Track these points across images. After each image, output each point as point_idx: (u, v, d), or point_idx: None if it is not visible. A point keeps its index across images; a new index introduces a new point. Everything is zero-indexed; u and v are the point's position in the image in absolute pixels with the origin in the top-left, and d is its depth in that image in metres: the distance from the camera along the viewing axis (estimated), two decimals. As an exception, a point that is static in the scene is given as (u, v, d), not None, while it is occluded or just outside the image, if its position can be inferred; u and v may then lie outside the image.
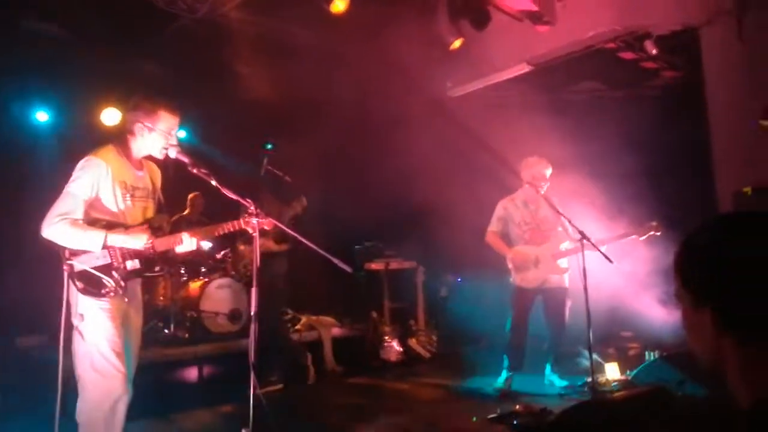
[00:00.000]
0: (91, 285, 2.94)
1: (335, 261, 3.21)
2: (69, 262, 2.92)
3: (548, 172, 4.87)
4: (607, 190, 5.02)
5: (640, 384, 4.51)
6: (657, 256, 4.57)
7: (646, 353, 4.93)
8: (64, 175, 3.02)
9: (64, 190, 2.94)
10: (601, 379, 4.75)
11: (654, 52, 5.30)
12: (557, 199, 4.76)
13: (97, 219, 2.99)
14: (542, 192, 4.78)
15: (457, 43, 6.20)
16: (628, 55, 5.61)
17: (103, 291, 2.94)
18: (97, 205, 3.00)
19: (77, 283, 2.92)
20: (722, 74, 4.90)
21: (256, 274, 3.07)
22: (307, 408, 4.86)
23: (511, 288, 4.99)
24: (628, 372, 4.82)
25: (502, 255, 5.00)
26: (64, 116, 6.81)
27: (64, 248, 2.91)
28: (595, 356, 4.36)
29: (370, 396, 5.14)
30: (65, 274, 2.92)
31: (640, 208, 4.84)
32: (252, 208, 3.09)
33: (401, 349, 6.07)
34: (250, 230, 3.13)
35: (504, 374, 4.93)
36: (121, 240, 2.96)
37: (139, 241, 2.99)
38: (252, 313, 3.05)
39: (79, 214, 2.92)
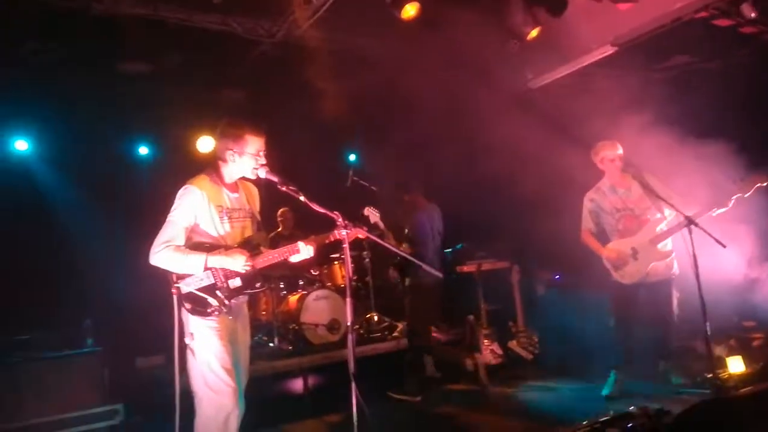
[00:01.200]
0: (198, 305, 3.12)
1: (425, 267, 3.18)
2: (176, 285, 3.11)
3: (618, 152, 4.62)
4: (707, 167, 4.65)
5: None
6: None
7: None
8: (167, 204, 3.21)
9: (167, 219, 3.15)
10: (723, 374, 4.39)
11: (753, 15, 4.88)
12: (653, 178, 4.45)
13: (199, 243, 3.16)
14: (627, 172, 4.51)
15: (534, 33, 6.02)
16: (723, 23, 5.20)
17: (209, 310, 3.12)
18: (198, 230, 3.19)
19: (185, 304, 3.11)
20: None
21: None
22: (411, 416, 4.85)
23: (612, 285, 4.74)
24: (754, 365, 4.44)
25: (597, 255, 4.77)
26: (162, 148, 7.28)
27: (172, 273, 3.11)
28: (716, 350, 4.06)
29: (472, 402, 5.06)
30: (174, 297, 3.10)
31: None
32: (340, 219, 3.14)
33: (501, 352, 5.94)
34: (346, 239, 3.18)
35: (612, 375, 4.69)
36: (220, 261, 3.11)
37: (237, 262, 3.11)
38: (348, 324, 3.08)
39: (181, 240, 3.11)
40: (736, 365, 4.49)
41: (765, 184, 4.11)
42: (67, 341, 4.96)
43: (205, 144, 6.65)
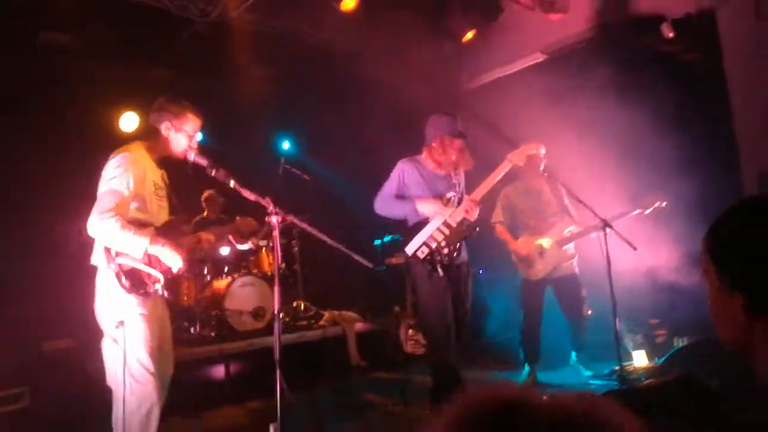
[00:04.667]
0: (138, 283, 2.94)
1: (355, 257, 3.22)
2: (118, 261, 2.90)
3: (542, 152, 4.62)
4: (623, 174, 4.94)
5: (667, 371, 4.46)
6: (678, 236, 4.49)
7: (674, 340, 4.88)
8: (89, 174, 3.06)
9: (105, 188, 2.94)
10: (629, 367, 4.71)
11: (671, 35, 5.23)
12: (563, 182, 4.66)
13: (133, 219, 2.99)
14: (543, 174, 4.59)
15: (469, 35, 6.19)
16: (644, 40, 5.54)
17: (150, 290, 2.96)
18: (134, 204, 3.01)
19: (125, 281, 2.90)
20: (741, 55, 4.82)
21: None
22: (332, 405, 4.89)
23: (520, 280, 4.97)
24: (656, 359, 4.77)
25: (507, 247, 4.98)
26: (85, 122, 6.92)
27: (110, 247, 2.90)
28: (623, 344, 4.32)
29: (396, 391, 5.16)
30: (112, 273, 2.89)
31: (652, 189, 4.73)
32: (271, 206, 3.12)
33: (425, 342, 6.06)
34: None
35: (526, 368, 4.92)
36: (159, 251, 2.96)
37: (173, 260, 2.99)
38: (275, 311, 3.08)
39: (126, 213, 2.94)
40: (640, 359, 4.83)
41: (664, 204, 4.42)
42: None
43: (127, 122, 6.36)
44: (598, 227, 4.26)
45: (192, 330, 5.71)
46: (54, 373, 4.90)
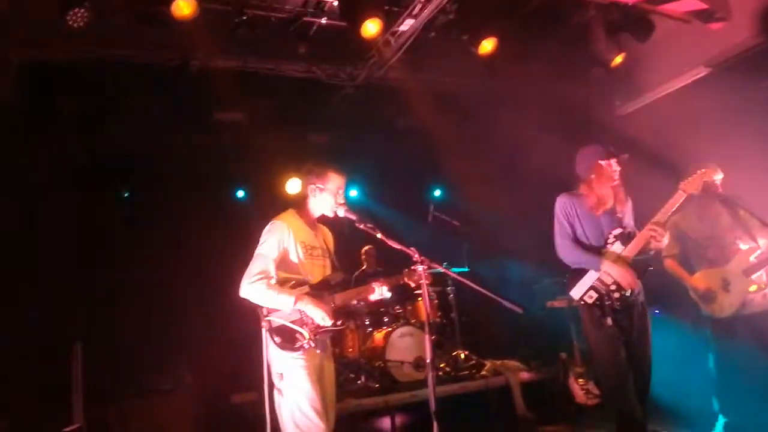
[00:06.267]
0: (287, 339, 3.16)
1: (504, 302, 3.10)
2: (267, 318, 3.18)
3: (719, 176, 4.18)
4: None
5: None
6: None
7: None
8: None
9: (256, 253, 3.25)
10: None
11: None
12: (743, 204, 4.07)
13: (285, 279, 3.24)
14: (720, 198, 4.13)
15: (618, 59, 5.86)
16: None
17: (297, 345, 3.15)
18: (282, 265, 3.26)
19: (275, 338, 3.15)
20: None
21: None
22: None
23: (704, 320, 4.37)
24: None
25: (684, 283, 4.43)
26: (257, 192, 7.66)
27: (262, 307, 3.19)
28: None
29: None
30: (264, 331, 3.18)
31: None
32: (416, 256, 3.14)
33: (598, 392, 5.59)
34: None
35: (720, 420, 4.28)
36: (306, 306, 3.18)
37: (318, 314, 3.17)
38: (428, 361, 3.05)
39: (273, 274, 3.20)
40: None
41: None
42: (167, 379, 5.25)
43: (292, 186, 6.91)
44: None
45: (358, 381, 5.85)
46: (241, 423, 5.31)
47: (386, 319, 6.26)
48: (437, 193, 7.88)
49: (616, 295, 3.61)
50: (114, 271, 6.08)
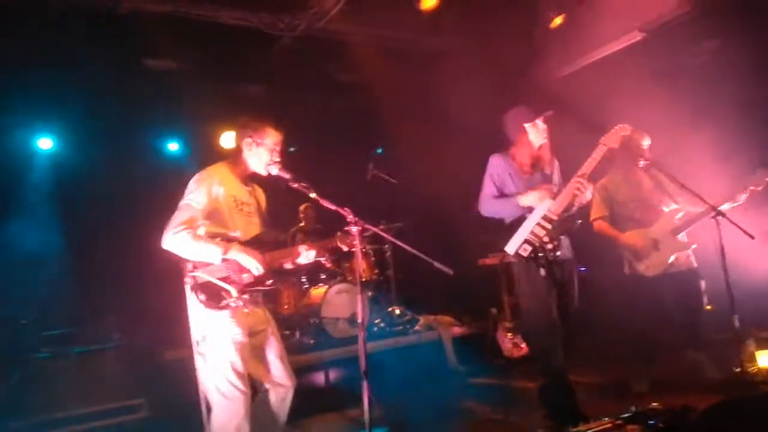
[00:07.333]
0: (213, 297, 2.99)
1: (436, 264, 3.14)
2: (192, 274, 2.99)
3: (646, 143, 4.39)
4: (734, 155, 4.45)
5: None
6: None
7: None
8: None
9: (180, 204, 3.05)
10: (753, 368, 4.19)
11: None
12: (666, 168, 4.20)
13: (213, 233, 3.07)
14: (642, 162, 4.28)
15: (558, 20, 5.91)
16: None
17: (223, 303, 3.00)
18: (210, 218, 3.08)
19: (199, 295, 2.97)
20: None
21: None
22: (430, 410, 4.83)
23: (633, 278, 4.59)
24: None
25: (616, 242, 4.62)
26: (191, 145, 7.40)
27: (187, 261, 2.99)
28: (745, 343, 3.90)
29: (496, 396, 5.01)
30: (187, 287, 2.98)
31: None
32: (350, 217, 3.11)
33: (524, 345, 5.84)
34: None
35: (641, 370, 4.56)
36: (237, 255, 3.02)
37: (252, 263, 3.05)
38: (359, 321, 3.07)
39: (199, 224, 3.01)
40: (765, 360, 4.30)
41: None
42: (93, 337, 5.08)
43: (228, 139, 6.70)
44: (707, 213, 3.90)
45: (293, 338, 5.87)
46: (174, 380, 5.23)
47: (323, 276, 6.26)
48: (378, 150, 7.81)
49: (549, 246, 3.72)
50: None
